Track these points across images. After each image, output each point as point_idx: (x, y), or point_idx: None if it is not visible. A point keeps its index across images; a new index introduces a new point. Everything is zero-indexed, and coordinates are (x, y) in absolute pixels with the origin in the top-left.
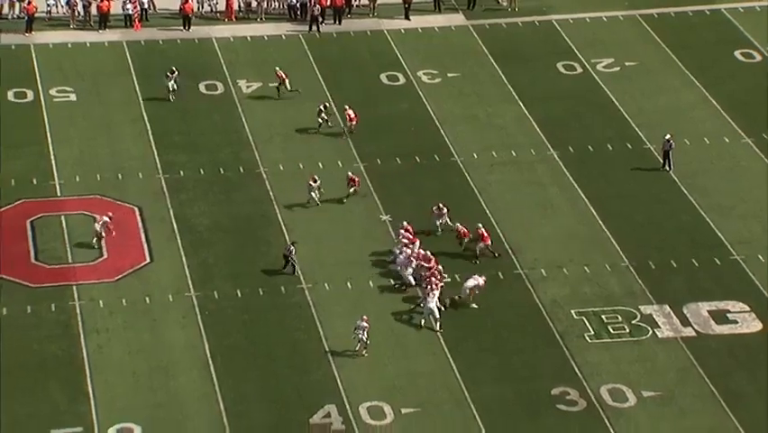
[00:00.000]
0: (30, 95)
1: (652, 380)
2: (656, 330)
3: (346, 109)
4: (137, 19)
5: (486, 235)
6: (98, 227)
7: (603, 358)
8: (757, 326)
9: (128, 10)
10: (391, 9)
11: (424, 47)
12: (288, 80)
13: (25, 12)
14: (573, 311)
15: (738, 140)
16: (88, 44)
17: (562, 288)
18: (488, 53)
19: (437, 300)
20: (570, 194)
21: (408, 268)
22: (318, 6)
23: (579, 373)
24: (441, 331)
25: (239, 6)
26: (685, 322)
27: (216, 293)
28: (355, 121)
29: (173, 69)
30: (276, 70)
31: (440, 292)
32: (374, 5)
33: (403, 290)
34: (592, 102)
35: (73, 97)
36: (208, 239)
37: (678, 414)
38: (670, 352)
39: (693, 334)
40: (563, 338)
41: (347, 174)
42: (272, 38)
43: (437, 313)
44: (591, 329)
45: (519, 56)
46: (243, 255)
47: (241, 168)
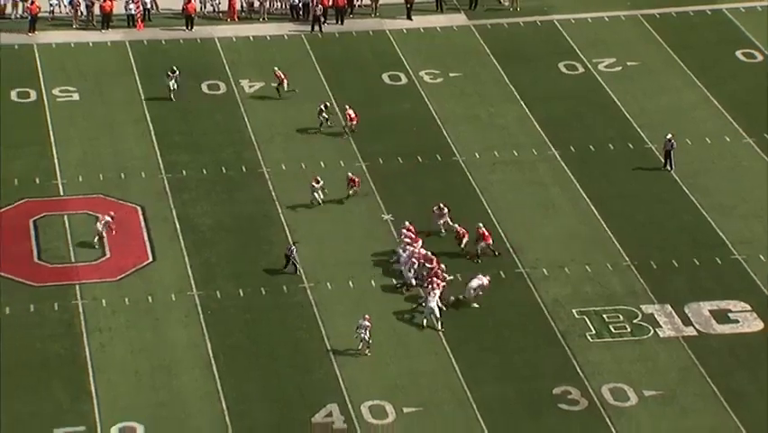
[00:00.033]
0: (33, 94)
1: (653, 379)
2: (658, 330)
3: (347, 109)
4: (140, 19)
5: (487, 235)
6: (100, 227)
7: (604, 357)
8: (758, 325)
9: (131, 10)
10: (393, 9)
11: (426, 47)
12: (287, 80)
13: (28, 12)
14: (575, 311)
15: (740, 140)
16: (91, 44)
17: (564, 287)
18: (489, 53)
19: (438, 300)
20: (571, 194)
21: (410, 268)
22: (320, 6)
23: (580, 373)
24: (443, 330)
25: (241, 6)
26: (686, 321)
27: (219, 292)
28: (356, 121)
29: (173, 69)
30: (274, 70)
31: (441, 292)
32: (376, 5)
33: (405, 291)
34: (594, 102)
35: (76, 97)
36: (211, 239)
37: (679, 413)
38: (671, 351)
39: (694, 333)
40: (565, 338)
41: (347, 175)
42: (275, 38)
43: (438, 312)
44: (593, 329)
45: (521, 56)
46: (246, 255)
47: (243, 167)
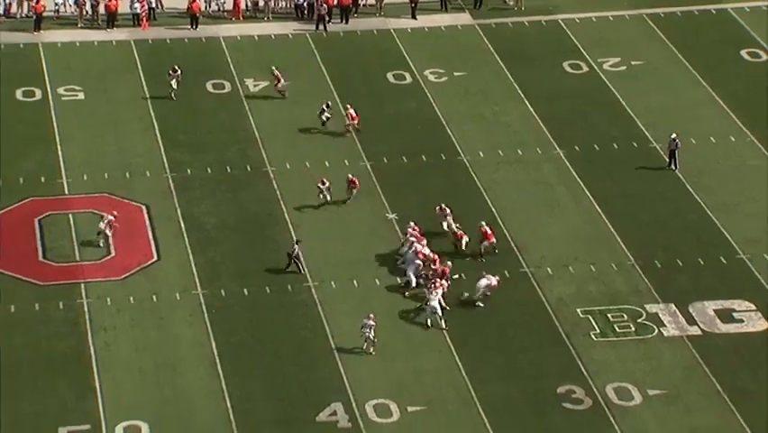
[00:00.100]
0: (38, 93)
1: (657, 378)
2: (662, 329)
3: (347, 108)
4: (145, 18)
5: (489, 233)
6: (102, 225)
7: (609, 357)
8: (763, 324)
9: (136, 9)
10: (398, 8)
11: (430, 46)
12: (283, 80)
13: (34, 11)
14: (579, 310)
15: (744, 139)
16: (96, 43)
17: (568, 286)
18: (494, 52)
19: (441, 299)
20: (575, 193)
21: (413, 266)
22: (325, 6)
23: (584, 372)
24: (447, 328)
25: (246, 5)
26: (691, 321)
27: (223, 291)
28: (356, 120)
29: (175, 68)
30: (272, 70)
31: (444, 291)
32: (381, 5)
33: (406, 293)
34: (598, 101)
35: (81, 96)
36: (215, 237)
37: (684, 412)
38: (675, 350)
39: (699, 332)
40: (569, 337)
41: (347, 176)
42: (279, 37)
43: (440, 311)
44: (597, 328)
45: (525, 55)
46: (250, 253)
47: (248, 166)
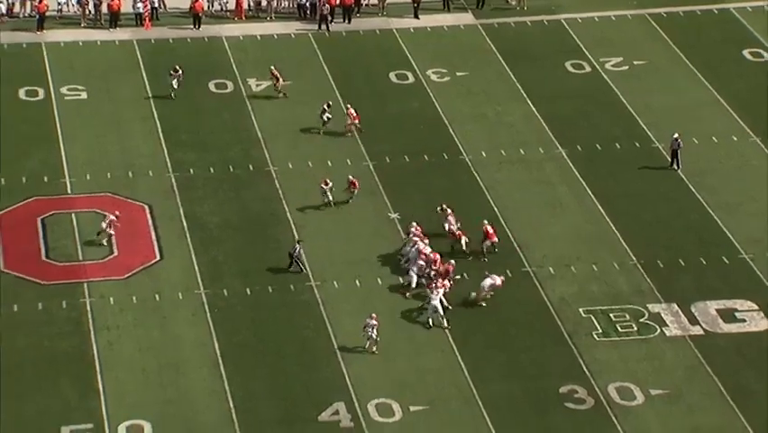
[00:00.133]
0: (41, 93)
1: (660, 378)
2: (664, 328)
3: (348, 108)
4: (147, 18)
5: (491, 232)
6: (104, 225)
7: (611, 356)
8: (765, 324)
9: (138, 9)
10: (400, 8)
11: (433, 46)
12: (282, 80)
13: (36, 10)
14: (581, 309)
15: (746, 138)
16: (99, 43)
17: (570, 286)
18: (496, 52)
19: (443, 298)
20: (578, 192)
21: (415, 266)
22: (327, 5)
23: (587, 372)
24: (449, 327)
25: (249, 5)
26: (693, 320)
27: (226, 291)
28: (357, 120)
29: (176, 68)
30: (271, 69)
31: (445, 291)
32: (383, 4)
33: (409, 293)
34: (600, 101)
35: (84, 96)
36: (218, 237)
37: (686, 412)
38: (678, 350)
39: (701, 332)
40: (571, 336)
41: (348, 177)
42: (282, 37)
43: (442, 310)
44: (599, 327)
45: (528, 55)
46: (253, 253)
47: (250, 166)
